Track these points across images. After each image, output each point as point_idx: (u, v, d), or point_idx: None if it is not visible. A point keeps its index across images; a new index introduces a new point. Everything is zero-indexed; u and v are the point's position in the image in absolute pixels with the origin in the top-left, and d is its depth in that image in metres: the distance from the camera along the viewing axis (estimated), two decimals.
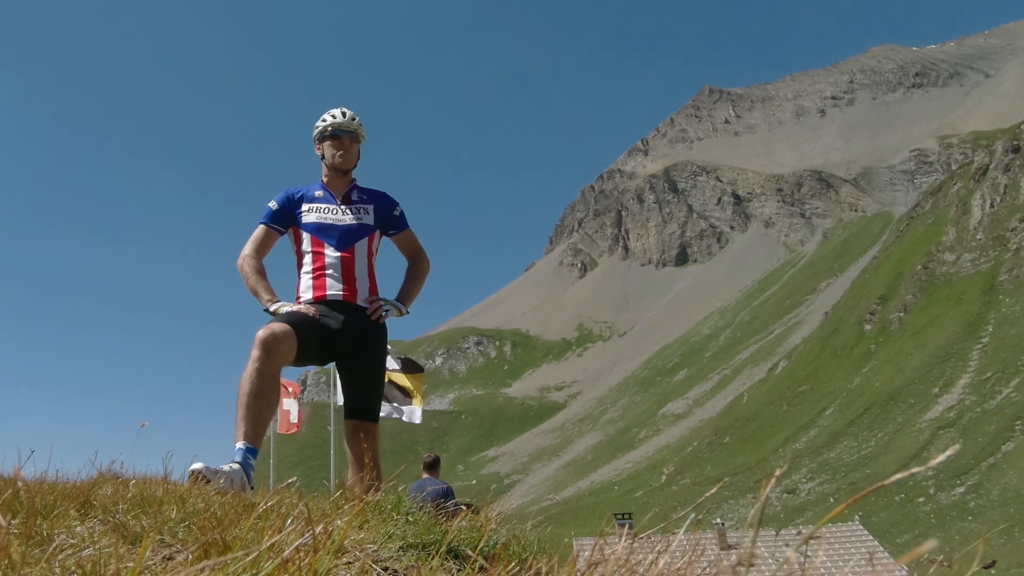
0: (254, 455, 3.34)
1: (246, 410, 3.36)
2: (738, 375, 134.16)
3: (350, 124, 4.12)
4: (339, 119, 4.12)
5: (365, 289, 3.97)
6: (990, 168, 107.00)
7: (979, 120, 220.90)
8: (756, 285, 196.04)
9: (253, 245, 4.05)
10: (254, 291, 3.95)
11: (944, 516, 53.07)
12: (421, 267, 4.30)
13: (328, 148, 4.11)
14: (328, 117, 4.14)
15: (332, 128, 4.10)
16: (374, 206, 4.13)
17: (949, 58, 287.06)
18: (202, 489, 2.59)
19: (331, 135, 4.11)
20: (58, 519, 1.88)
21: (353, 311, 3.89)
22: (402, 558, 1.94)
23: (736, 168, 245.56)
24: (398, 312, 4.05)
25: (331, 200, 4.08)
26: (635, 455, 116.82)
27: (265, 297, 3.89)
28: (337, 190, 4.12)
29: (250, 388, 3.37)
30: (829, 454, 74.42)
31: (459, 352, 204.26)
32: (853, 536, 30.36)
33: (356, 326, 3.85)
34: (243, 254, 4.03)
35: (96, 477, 2.71)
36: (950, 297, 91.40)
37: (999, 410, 65.00)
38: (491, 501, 2.92)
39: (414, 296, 4.22)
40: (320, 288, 3.91)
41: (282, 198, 4.11)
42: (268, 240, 4.08)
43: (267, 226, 4.07)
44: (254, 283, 3.95)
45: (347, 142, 4.11)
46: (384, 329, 3.99)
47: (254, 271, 3.98)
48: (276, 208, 4.09)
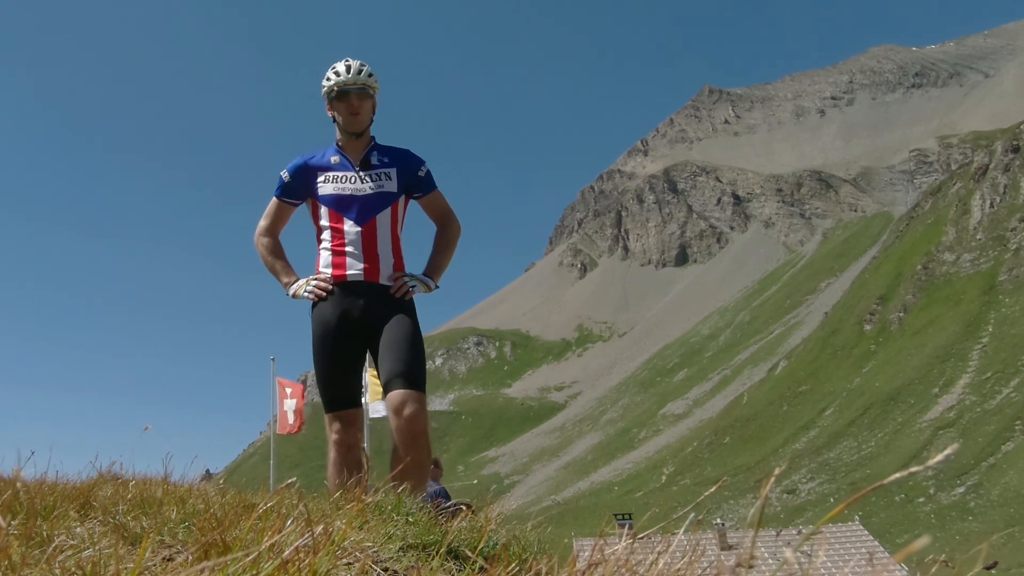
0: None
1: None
2: (738, 375, 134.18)
3: (357, 79, 3.64)
4: (344, 76, 3.64)
5: (389, 266, 3.64)
6: (990, 168, 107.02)
7: (979, 120, 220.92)
8: (756, 285, 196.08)
9: (267, 221, 3.84)
10: (271, 271, 3.78)
11: (944, 516, 53.08)
12: (450, 234, 3.88)
13: (338, 111, 3.69)
14: (332, 75, 3.66)
15: (338, 87, 3.65)
16: (396, 169, 3.72)
17: (949, 58, 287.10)
18: (202, 490, 2.59)
19: (338, 95, 3.66)
20: (58, 520, 1.88)
21: (376, 291, 3.59)
22: (402, 559, 1.94)
23: (736, 168, 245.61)
24: (426, 288, 3.69)
25: (348, 166, 3.70)
26: (635, 455, 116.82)
27: (284, 279, 3.70)
28: (354, 154, 3.72)
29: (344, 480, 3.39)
30: (829, 454, 74.44)
31: (459, 352, 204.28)
32: (853, 536, 30.36)
33: (380, 307, 3.55)
34: (257, 231, 3.83)
35: (96, 478, 2.71)
36: (950, 297, 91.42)
37: (999, 410, 65.01)
38: (491, 502, 2.92)
39: (443, 268, 3.83)
40: (340, 267, 3.60)
41: (294, 168, 3.77)
42: (282, 214, 3.85)
43: (280, 200, 3.82)
44: (271, 264, 3.78)
45: (356, 101, 3.65)
46: (412, 305, 3.66)
47: (269, 251, 3.80)
48: (288, 180, 3.77)
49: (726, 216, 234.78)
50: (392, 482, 2.74)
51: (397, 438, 3.37)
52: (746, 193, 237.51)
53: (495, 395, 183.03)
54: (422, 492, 3.17)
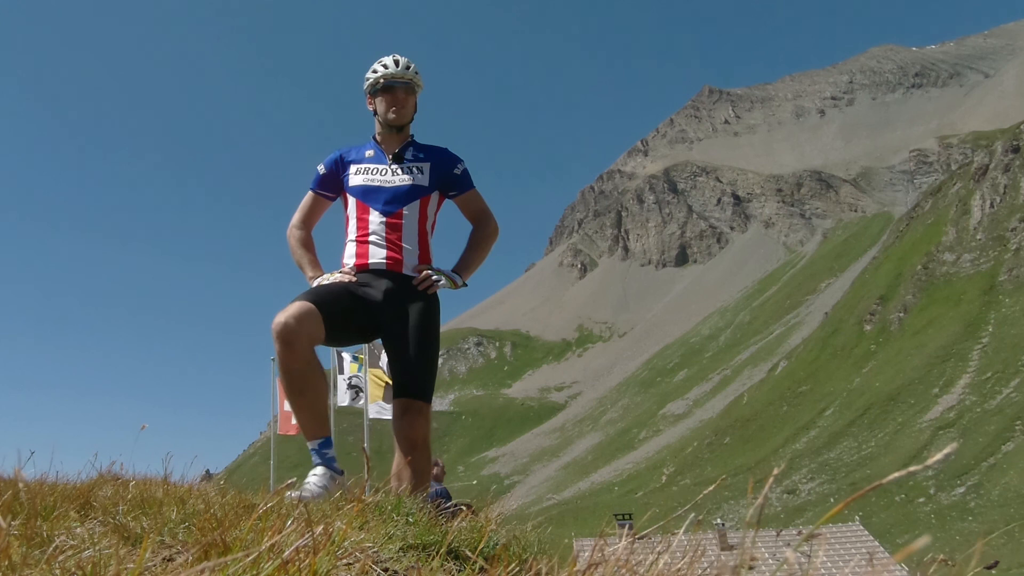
0: (328, 446, 3.18)
1: (297, 410, 3.18)
2: (738, 375, 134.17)
3: (404, 73, 3.64)
4: (392, 69, 3.64)
5: (414, 257, 3.55)
6: (990, 168, 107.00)
7: (979, 120, 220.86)
8: (756, 285, 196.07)
9: (300, 214, 3.77)
10: (298, 264, 3.70)
11: (944, 516, 53.05)
12: (485, 233, 3.78)
13: (381, 103, 3.67)
14: (379, 67, 3.67)
15: (385, 80, 3.64)
16: (430, 164, 3.67)
17: (949, 58, 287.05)
18: (202, 490, 2.59)
19: (384, 88, 3.65)
20: (58, 520, 1.87)
21: (398, 280, 3.49)
22: (402, 559, 1.93)
23: (736, 168, 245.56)
24: (452, 284, 3.54)
25: (382, 159, 3.68)
26: (635, 456, 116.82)
27: (309, 273, 3.61)
28: (390, 148, 3.70)
29: (287, 388, 3.19)
30: (829, 454, 74.41)
31: (459, 353, 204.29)
32: (853, 536, 30.35)
33: (400, 296, 3.46)
34: (291, 224, 3.77)
35: (96, 478, 2.71)
36: (950, 297, 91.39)
37: (999, 410, 64.99)
38: (491, 502, 2.92)
39: (474, 266, 3.70)
40: (363, 256, 3.54)
41: (330, 161, 3.74)
42: (316, 208, 3.78)
43: (315, 193, 3.76)
44: (299, 257, 3.70)
45: (402, 95, 3.65)
46: (435, 301, 3.54)
47: (300, 244, 3.71)
48: (324, 172, 3.73)
49: (726, 216, 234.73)
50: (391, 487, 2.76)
51: (398, 444, 3.42)
52: (746, 193, 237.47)
53: (495, 395, 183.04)
54: (423, 495, 3.18)
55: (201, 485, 2.88)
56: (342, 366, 14.67)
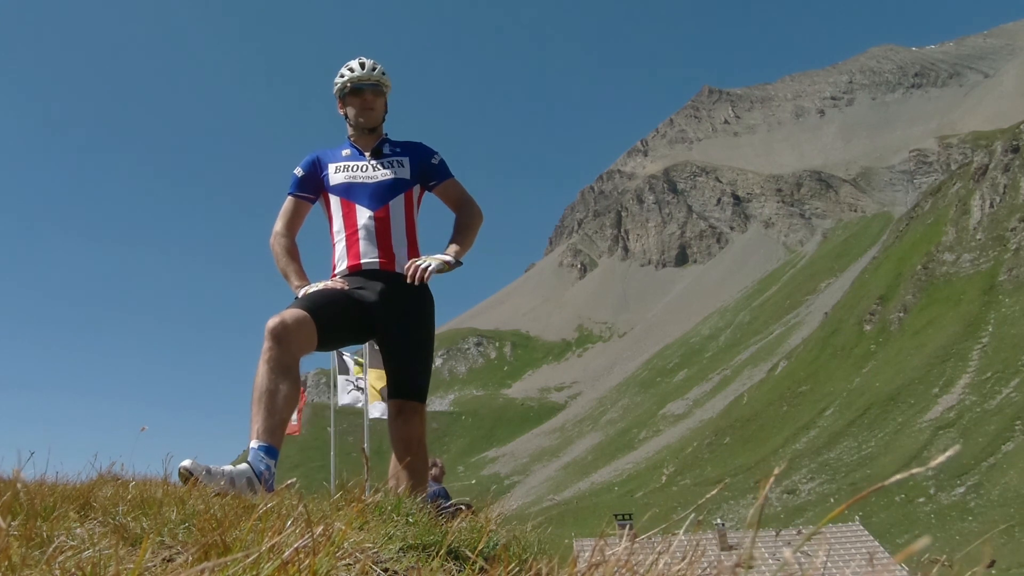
0: (270, 453, 2.94)
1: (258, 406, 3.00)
2: (738, 376, 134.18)
3: (371, 76, 3.66)
4: (359, 72, 3.66)
5: (404, 253, 3.52)
6: (989, 168, 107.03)
7: (978, 120, 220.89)
8: (756, 285, 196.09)
9: (282, 221, 3.71)
10: (283, 273, 3.61)
11: (944, 516, 53.05)
12: (469, 215, 3.73)
13: (351, 106, 3.69)
14: (346, 71, 3.69)
15: (352, 83, 3.66)
16: (409, 158, 3.68)
17: (948, 58, 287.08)
18: (202, 490, 2.58)
19: (352, 91, 3.68)
20: (58, 521, 1.87)
21: (392, 280, 3.46)
22: (402, 559, 1.93)
23: (736, 168, 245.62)
24: (445, 265, 3.42)
25: (359, 156, 3.68)
26: (635, 456, 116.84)
27: (295, 283, 3.51)
28: (366, 147, 3.70)
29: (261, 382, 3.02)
30: (829, 454, 74.40)
31: (459, 353, 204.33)
32: (853, 536, 30.36)
33: (394, 297, 3.42)
34: (273, 232, 3.71)
35: (96, 479, 2.70)
36: (950, 297, 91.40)
37: (999, 410, 64.99)
38: (491, 502, 2.91)
39: (464, 249, 3.60)
40: (354, 256, 3.50)
41: (307, 163, 3.71)
42: (298, 212, 3.72)
43: (295, 196, 3.70)
44: (284, 266, 3.62)
45: (370, 97, 3.68)
46: (430, 301, 3.52)
47: (284, 252, 3.65)
48: (303, 175, 3.70)
49: (726, 216, 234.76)
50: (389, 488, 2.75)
51: (393, 445, 3.41)
52: (746, 193, 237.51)
53: (495, 395, 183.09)
54: (421, 495, 3.17)
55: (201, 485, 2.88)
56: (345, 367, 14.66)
